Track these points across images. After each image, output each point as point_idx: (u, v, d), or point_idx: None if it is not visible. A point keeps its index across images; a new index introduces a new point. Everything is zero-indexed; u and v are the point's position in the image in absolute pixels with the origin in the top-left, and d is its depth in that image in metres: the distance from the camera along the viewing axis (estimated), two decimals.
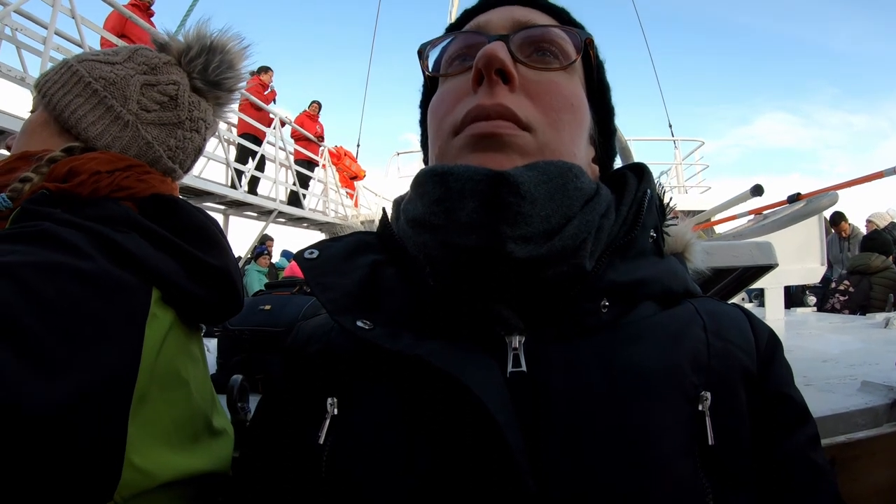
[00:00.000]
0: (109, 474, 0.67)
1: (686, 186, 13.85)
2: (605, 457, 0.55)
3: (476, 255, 0.60)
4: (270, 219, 10.14)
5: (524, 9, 0.74)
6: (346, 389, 0.64)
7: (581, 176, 0.65)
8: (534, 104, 0.67)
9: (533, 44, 0.71)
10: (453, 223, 0.61)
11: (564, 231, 0.61)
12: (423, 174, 0.66)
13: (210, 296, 0.85)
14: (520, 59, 0.69)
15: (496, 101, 0.65)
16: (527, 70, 0.69)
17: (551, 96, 0.69)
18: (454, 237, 0.61)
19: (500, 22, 0.72)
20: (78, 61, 0.96)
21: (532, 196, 0.60)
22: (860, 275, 6.06)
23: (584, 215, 0.63)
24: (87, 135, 0.91)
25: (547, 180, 0.61)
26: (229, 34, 1.05)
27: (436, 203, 0.63)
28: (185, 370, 0.81)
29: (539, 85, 0.69)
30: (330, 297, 0.65)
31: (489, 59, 0.66)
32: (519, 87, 0.68)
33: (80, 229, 0.73)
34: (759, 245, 1.87)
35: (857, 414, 1.34)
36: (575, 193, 0.63)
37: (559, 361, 0.60)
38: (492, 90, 0.66)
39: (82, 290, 0.66)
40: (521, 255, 0.59)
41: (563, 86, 0.70)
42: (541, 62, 0.70)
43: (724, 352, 0.65)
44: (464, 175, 0.61)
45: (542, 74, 0.70)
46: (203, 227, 0.90)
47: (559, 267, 0.61)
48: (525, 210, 0.59)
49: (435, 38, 0.77)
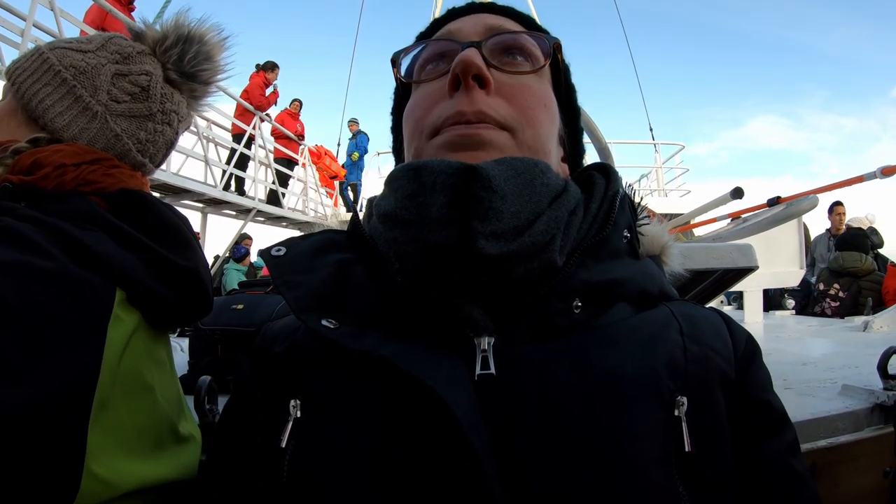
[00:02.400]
0: (68, 484, 0.64)
1: (666, 190, 14.03)
2: (578, 463, 0.54)
3: (446, 252, 0.60)
4: (249, 217, 10.05)
5: (495, 16, 0.76)
6: (309, 391, 0.63)
7: (547, 172, 0.65)
8: (510, 105, 0.69)
9: (504, 49, 0.73)
10: (424, 218, 0.60)
11: (534, 227, 0.61)
12: (398, 170, 0.66)
13: (178, 297, 0.83)
14: (493, 63, 0.70)
15: (476, 108, 0.67)
16: (500, 74, 0.70)
17: (525, 97, 0.70)
18: (424, 233, 0.60)
19: (473, 28, 0.74)
20: (50, 49, 0.93)
21: (502, 191, 0.59)
22: (851, 277, 5.80)
23: (552, 211, 0.63)
24: (53, 125, 0.89)
25: (515, 175, 0.61)
26: (207, 24, 1.03)
27: (408, 198, 0.62)
28: (150, 375, 0.79)
29: (513, 87, 0.70)
30: (295, 295, 0.65)
31: (466, 65, 0.67)
32: (494, 90, 0.69)
33: (42, 226, 0.70)
34: (740, 247, 1.88)
35: (837, 418, 1.34)
36: (542, 189, 0.63)
37: (530, 364, 0.59)
38: (470, 95, 0.67)
39: (41, 291, 0.64)
40: (492, 251, 0.58)
41: (535, 87, 0.72)
42: (513, 66, 0.72)
43: (702, 357, 0.64)
44: (437, 168, 0.61)
45: (515, 77, 0.72)
46: (172, 226, 0.87)
47: (530, 263, 0.61)
48: (496, 205, 0.59)
49: (408, 46, 0.79)
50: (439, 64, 0.74)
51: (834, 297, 5.80)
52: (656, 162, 14.45)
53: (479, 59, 0.68)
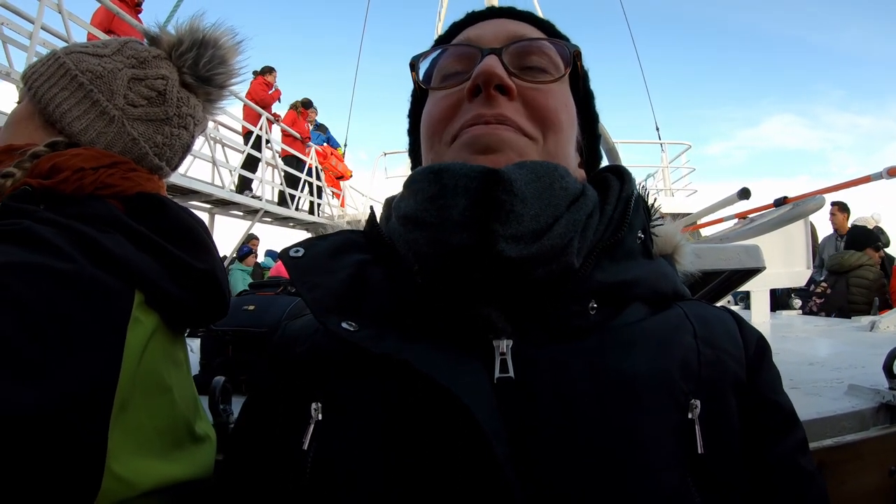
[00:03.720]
0: (89, 483, 0.65)
1: (672, 189, 13.95)
2: (593, 465, 0.54)
3: (467, 255, 0.60)
4: (257, 218, 10.07)
5: (515, 22, 0.76)
6: (331, 393, 0.63)
7: (566, 176, 0.65)
8: (532, 113, 0.69)
9: (525, 56, 0.72)
10: (446, 221, 0.60)
11: (553, 230, 0.61)
12: (418, 172, 0.66)
13: (195, 299, 0.84)
14: (514, 72, 0.70)
15: (496, 111, 0.67)
16: (521, 81, 0.70)
17: (548, 104, 0.71)
18: (445, 235, 0.60)
19: (493, 35, 0.74)
20: (66, 53, 0.93)
21: (523, 194, 0.60)
22: (836, 275, 6.05)
23: (571, 215, 0.63)
24: (70, 129, 0.89)
25: (535, 179, 0.61)
26: (222, 29, 1.03)
27: (429, 200, 0.62)
28: (168, 376, 0.80)
29: (535, 94, 0.70)
30: (315, 297, 0.65)
31: (489, 75, 0.67)
32: (516, 96, 0.69)
33: (62, 229, 0.71)
34: (747, 248, 1.88)
35: (844, 417, 1.34)
36: (561, 193, 0.63)
37: (547, 366, 0.60)
38: (490, 101, 0.68)
39: (62, 293, 0.65)
40: (513, 254, 0.58)
41: (556, 94, 0.72)
42: (534, 74, 0.72)
43: (715, 360, 0.65)
44: (459, 171, 0.61)
45: (537, 85, 0.71)
46: (189, 229, 0.88)
47: (549, 266, 0.61)
48: (517, 209, 0.59)
49: (426, 51, 0.78)
50: (458, 70, 0.74)
51: (820, 294, 5.97)
52: (663, 161, 14.37)
53: (500, 67, 0.68)
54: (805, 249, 3.81)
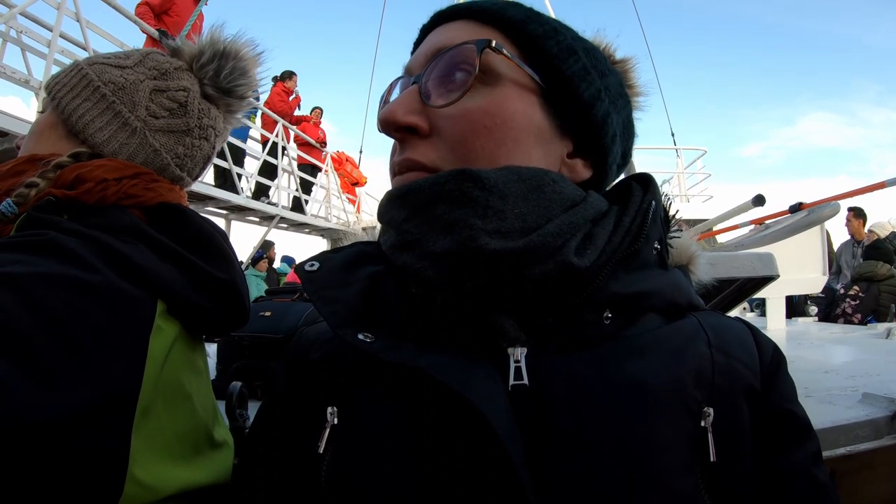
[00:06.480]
0: (112, 489, 0.67)
1: (688, 195, 13.86)
2: (606, 472, 0.55)
3: (455, 259, 0.60)
4: (272, 224, 10.12)
5: (452, 26, 0.71)
6: (346, 399, 0.64)
7: (560, 181, 0.65)
8: (445, 143, 0.66)
9: (447, 74, 0.67)
10: (428, 231, 0.62)
11: (545, 228, 0.61)
12: (383, 203, 0.68)
13: (216, 308, 0.85)
14: (428, 99, 0.67)
15: (403, 157, 0.67)
16: (432, 110, 0.67)
17: (460, 128, 0.65)
18: (429, 245, 0.61)
19: (424, 57, 0.70)
20: (88, 64, 0.95)
21: (500, 191, 0.60)
22: (867, 282, 6.21)
23: (567, 217, 0.63)
24: (93, 140, 0.90)
25: (519, 179, 0.62)
26: (243, 40, 1.04)
27: (405, 221, 0.64)
28: (188, 383, 0.81)
29: (448, 120, 0.66)
30: (332, 311, 0.65)
31: (383, 124, 0.68)
32: (430, 129, 0.67)
33: (86, 239, 0.72)
34: (761, 256, 1.87)
35: (857, 426, 1.33)
36: (554, 196, 0.63)
37: (561, 374, 0.60)
38: (401, 146, 0.69)
39: (86, 302, 0.66)
40: (497, 247, 0.58)
41: (473, 111, 0.65)
42: (447, 96, 0.66)
43: (728, 368, 0.64)
44: (423, 184, 0.63)
45: (454, 107, 0.65)
46: (210, 238, 0.89)
47: (544, 265, 0.60)
48: (494, 203, 0.59)
49: (392, 81, 0.77)
50: None
51: (854, 297, 6.23)
52: (678, 167, 14.28)
53: (405, 105, 0.67)
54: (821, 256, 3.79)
